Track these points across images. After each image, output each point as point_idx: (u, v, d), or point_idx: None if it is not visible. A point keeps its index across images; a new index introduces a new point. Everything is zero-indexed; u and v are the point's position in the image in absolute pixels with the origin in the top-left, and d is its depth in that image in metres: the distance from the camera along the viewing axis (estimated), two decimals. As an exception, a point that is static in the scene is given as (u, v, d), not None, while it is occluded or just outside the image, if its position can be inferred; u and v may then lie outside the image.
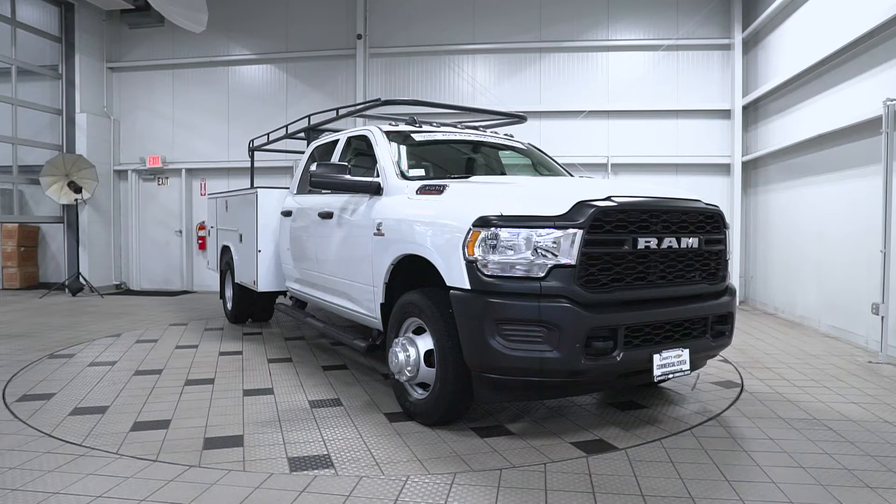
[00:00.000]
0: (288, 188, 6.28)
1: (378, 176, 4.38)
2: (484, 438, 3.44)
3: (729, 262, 3.83)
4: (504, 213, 3.13)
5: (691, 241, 3.47)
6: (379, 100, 4.93)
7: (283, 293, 6.60)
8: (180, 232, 11.06)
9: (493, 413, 3.88)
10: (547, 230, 3.07)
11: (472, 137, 5.06)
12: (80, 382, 4.65)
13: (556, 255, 3.07)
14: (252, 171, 8.58)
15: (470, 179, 3.99)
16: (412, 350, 3.60)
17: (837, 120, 6.71)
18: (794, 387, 4.61)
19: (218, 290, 10.50)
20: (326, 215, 4.94)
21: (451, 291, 3.28)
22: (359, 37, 10.28)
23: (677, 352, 3.37)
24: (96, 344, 6.14)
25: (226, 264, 7.54)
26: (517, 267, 3.10)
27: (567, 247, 3.07)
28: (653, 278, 3.35)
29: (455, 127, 5.35)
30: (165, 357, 5.55)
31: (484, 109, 5.47)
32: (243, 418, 3.79)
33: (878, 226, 5.77)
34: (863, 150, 6.32)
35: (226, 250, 7.54)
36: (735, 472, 2.99)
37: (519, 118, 5.66)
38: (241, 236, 6.77)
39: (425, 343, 3.59)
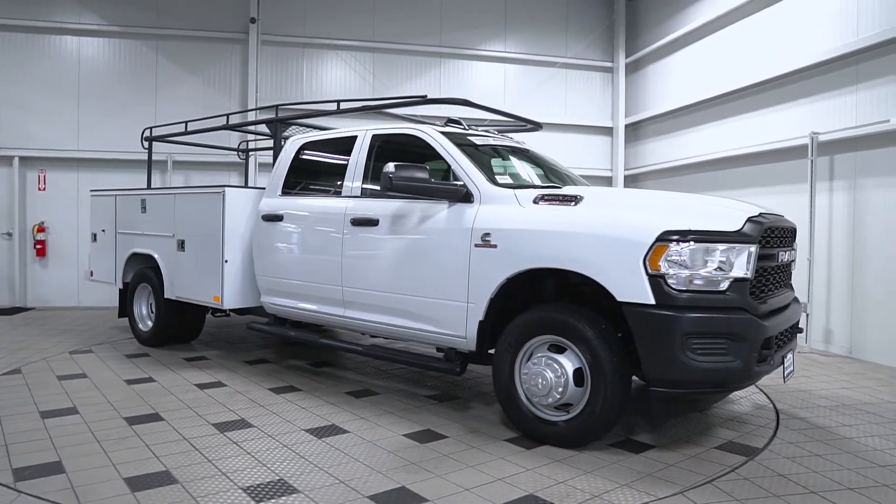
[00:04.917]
0: (257, 187, 5.45)
1: (456, 180, 4.04)
2: (640, 454, 3.40)
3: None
4: (692, 228, 3.13)
5: (792, 254, 3.84)
6: (425, 96, 4.52)
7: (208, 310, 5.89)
8: (9, 234, 8.82)
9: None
10: (730, 245, 3.15)
11: (513, 144, 4.91)
12: (67, 442, 3.50)
13: (734, 269, 3.16)
14: (150, 164, 7.23)
15: (591, 189, 3.89)
16: (560, 370, 3.41)
17: (731, 146, 7.88)
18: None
19: (64, 305, 8.80)
20: (366, 222, 4.39)
21: (628, 308, 3.18)
22: (252, 20, 9.24)
23: (790, 353, 3.71)
24: (1, 385, 4.66)
25: (140, 276, 6.24)
26: (701, 281, 3.12)
27: (744, 261, 3.18)
28: (772, 288, 3.63)
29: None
30: (131, 396, 4.43)
31: (506, 112, 5.32)
32: (370, 466, 3.20)
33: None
34: (763, 174, 7.48)
35: (138, 259, 6.25)
36: (890, 459, 3.38)
37: (535, 125, 5.62)
38: (181, 243, 5.67)
39: (570, 361, 3.42)
